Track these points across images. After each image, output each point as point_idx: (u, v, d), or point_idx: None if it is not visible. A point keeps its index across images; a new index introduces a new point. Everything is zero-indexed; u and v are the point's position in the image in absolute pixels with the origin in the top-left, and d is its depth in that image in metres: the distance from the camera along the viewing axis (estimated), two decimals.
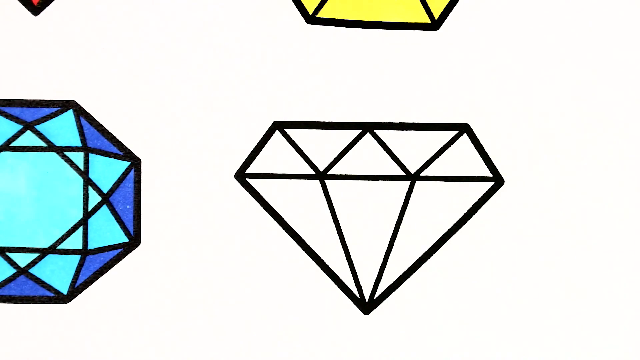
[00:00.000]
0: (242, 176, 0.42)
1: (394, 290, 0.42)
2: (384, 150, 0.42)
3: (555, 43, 0.42)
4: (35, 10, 0.42)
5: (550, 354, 0.41)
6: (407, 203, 0.42)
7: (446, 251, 0.42)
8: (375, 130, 0.42)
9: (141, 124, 0.42)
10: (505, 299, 0.41)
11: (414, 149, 0.42)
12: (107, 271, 0.42)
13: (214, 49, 0.42)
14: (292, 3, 0.42)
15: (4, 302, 0.42)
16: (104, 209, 0.42)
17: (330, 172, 0.42)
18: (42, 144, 0.42)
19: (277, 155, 0.42)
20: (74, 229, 0.41)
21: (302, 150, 0.42)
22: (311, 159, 0.42)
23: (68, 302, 0.41)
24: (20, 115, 0.42)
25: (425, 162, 0.42)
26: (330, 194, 0.42)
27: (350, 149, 0.42)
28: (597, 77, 0.42)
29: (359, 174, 0.42)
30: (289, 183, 0.42)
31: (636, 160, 0.42)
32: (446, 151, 0.42)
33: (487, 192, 0.42)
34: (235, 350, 0.41)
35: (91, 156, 0.42)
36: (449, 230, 0.42)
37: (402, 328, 0.41)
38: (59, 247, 0.41)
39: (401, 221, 0.42)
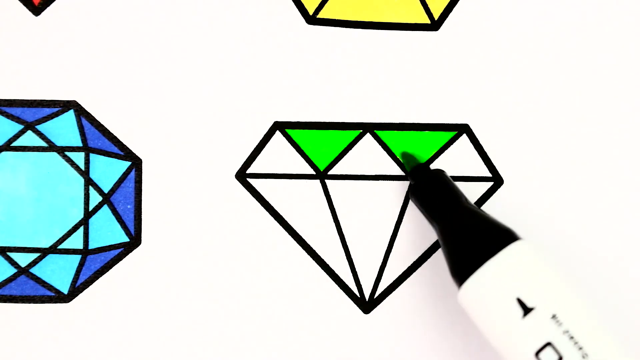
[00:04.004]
0: (242, 176, 0.42)
1: (393, 289, 0.42)
2: (384, 150, 0.42)
3: (555, 43, 0.42)
4: (36, 10, 0.42)
5: None
6: (407, 203, 0.42)
7: None
8: (375, 130, 0.42)
9: (142, 124, 0.42)
10: None
11: (413, 149, 0.42)
12: (108, 271, 0.42)
13: (214, 49, 0.42)
14: (293, 3, 0.42)
15: (5, 301, 0.42)
16: (105, 208, 0.42)
17: (330, 172, 0.42)
18: (43, 144, 0.42)
19: (278, 155, 0.42)
20: (74, 228, 0.41)
21: (302, 150, 0.42)
22: (311, 159, 0.42)
23: (69, 301, 0.41)
24: (21, 115, 0.42)
25: (425, 162, 0.42)
26: (330, 194, 0.42)
27: (350, 149, 0.42)
28: (597, 77, 0.42)
29: (359, 174, 0.42)
30: (289, 183, 0.42)
31: (636, 161, 0.42)
32: (446, 151, 0.42)
33: (486, 192, 0.42)
34: (236, 349, 0.41)
35: (92, 156, 0.42)
36: None
37: (402, 328, 0.41)
38: (60, 246, 0.41)
39: (401, 221, 0.42)
